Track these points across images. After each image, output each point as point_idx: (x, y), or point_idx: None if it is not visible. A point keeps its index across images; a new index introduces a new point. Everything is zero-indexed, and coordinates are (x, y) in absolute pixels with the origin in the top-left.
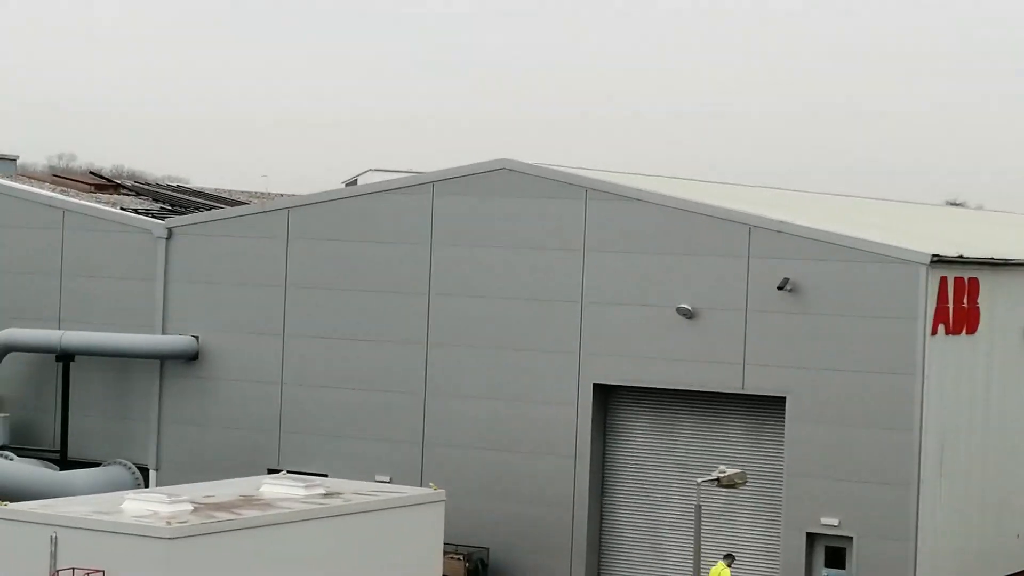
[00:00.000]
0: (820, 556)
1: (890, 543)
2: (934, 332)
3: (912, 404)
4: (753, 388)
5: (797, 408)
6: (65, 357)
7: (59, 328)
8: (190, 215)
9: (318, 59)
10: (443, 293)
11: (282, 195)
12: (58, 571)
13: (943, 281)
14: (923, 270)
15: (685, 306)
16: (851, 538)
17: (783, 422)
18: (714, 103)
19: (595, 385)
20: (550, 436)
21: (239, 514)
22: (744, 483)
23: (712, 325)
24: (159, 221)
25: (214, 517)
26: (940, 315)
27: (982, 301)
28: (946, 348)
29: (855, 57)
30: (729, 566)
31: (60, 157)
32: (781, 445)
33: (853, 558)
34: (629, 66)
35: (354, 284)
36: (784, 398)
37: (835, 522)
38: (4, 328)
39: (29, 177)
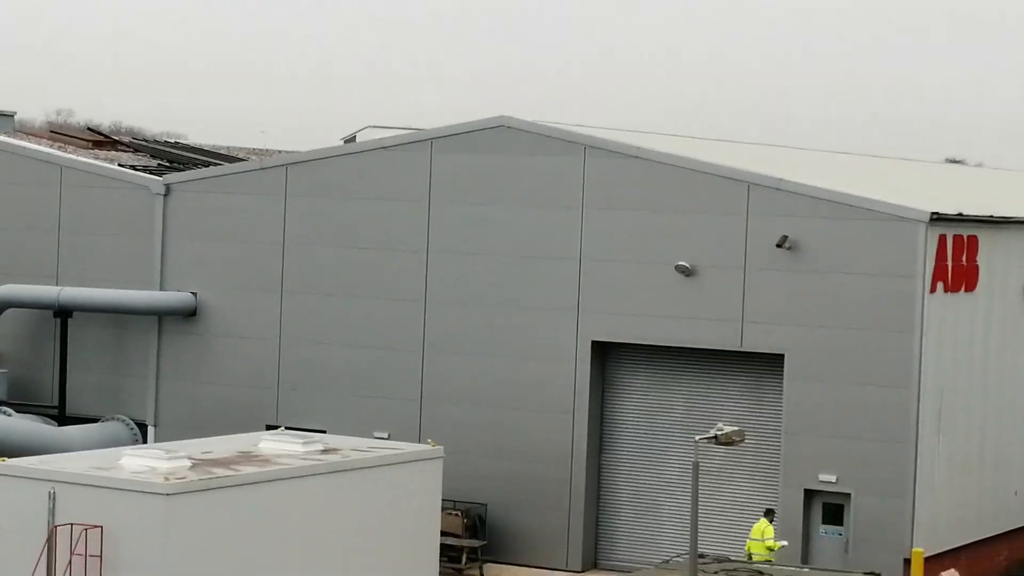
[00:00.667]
0: (818, 513)
1: (888, 500)
2: (933, 290)
3: (910, 361)
4: (751, 346)
5: (795, 366)
6: (63, 313)
7: (57, 285)
8: (188, 171)
9: (316, 14)
10: (441, 250)
11: (280, 152)
12: (56, 527)
13: (942, 239)
14: (922, 228)
15: (683, 263)
16: (849, 495)
17: (781, 380)
18: (712, 55)
19: (593, 342)
20: (548, 393)
21: (237, 470)
22: (742, 441)
23: (710, 283)
24: (157, 177)
25: (212, 473)
26: (939, 273)
27: (981, 259)
28: (945, 306)
29: (855, 11)
30: (771, 522)
31: (58, 113)
32: (779, 403)
33: (851, 515)
34: (627, 17)
35: (352, 241)
36: (783, 356)
37: (833, 479)
38: (2, 285)
39: (27, 133)
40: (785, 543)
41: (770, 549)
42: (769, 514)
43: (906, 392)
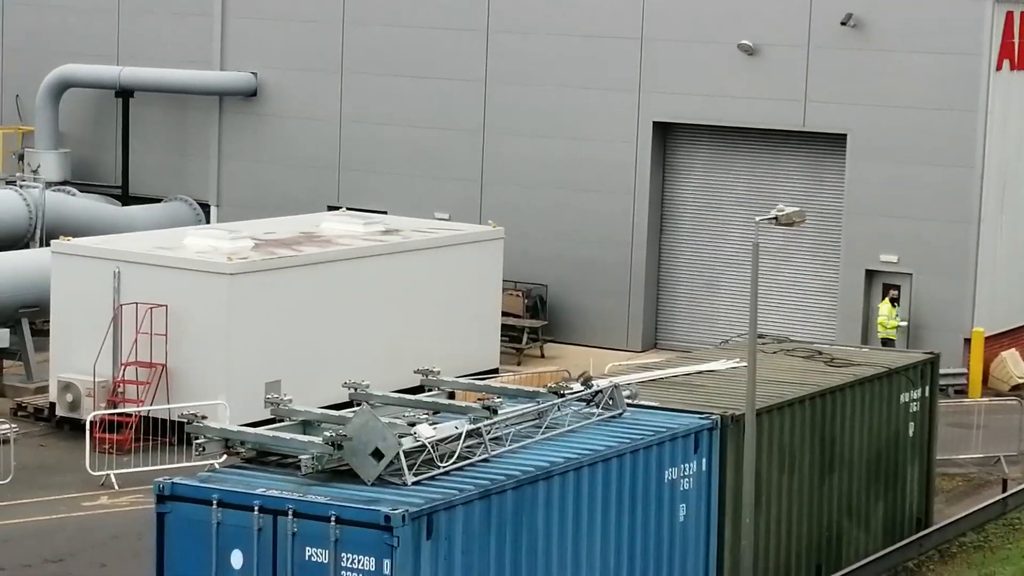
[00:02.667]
0: (878, 292)
1: (949, 280)
2: (998, 68)
3: (974, 141)
4: (814, 125)
5: (858, 145)
6: (124, 93)
7: (118, 65)
8: None
9: None
10: (502, 30)
11: None
12: (121, 306)
13: (1009, 16)
14: (989, 4)
15: (746, 42)
16: (910, 275)
17: (843, 160)
18: None
19: (654, 123)
20: (608, 174)
21: (299, 250)
22: (802, 221)
23: (773, 61)
24: None
25: (274, 253)
26: (1005, 50)
27: None
28: (1010, 84)
29: None
30: (894, 303)
31: None
32: (841, 183)
33: (911, 295)
34: None
35: (412, 20)
36: (845, 135)
37: (894, 259)
38: (63, 65)
39: None
40: (904, 322)
41: (894, 327)
42: (893, 301)
43: (969, 171)
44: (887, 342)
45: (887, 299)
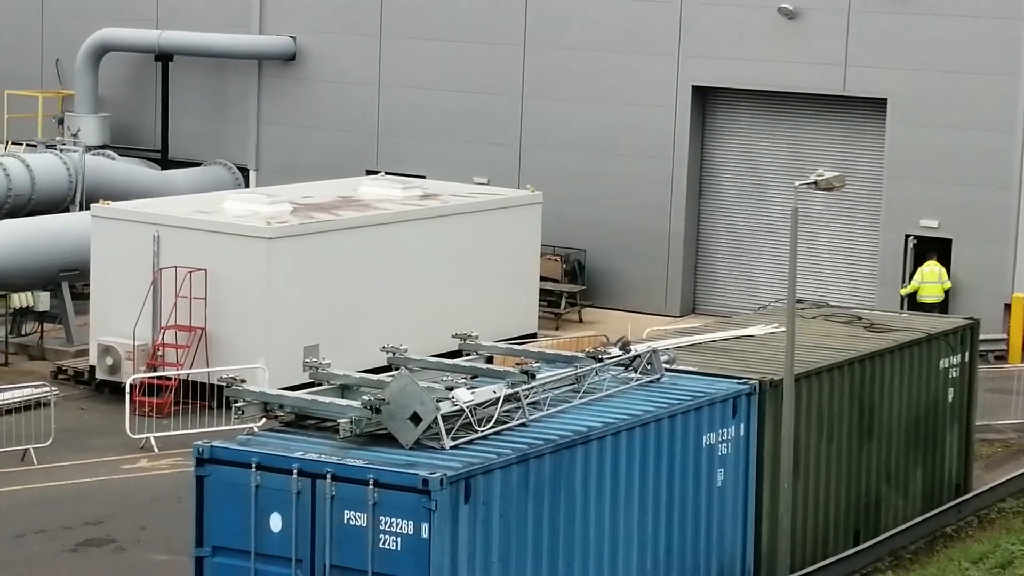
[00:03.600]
0: (918, 258)
1: (989, 245)
2: None
3: (1015, 105)
4: (854, 90)
5: (899, 110)
6: (164, 57)
7: (157, 29)
8: None
9: None
10: None
11: None
12: (160, 269)
13: None
14: None
15: (786, 6)
16: (950, 240)
17: (884, 124)
18: None
19: (693, 87)
20: (647, 139)
21: (338, 215)
22: (842, 186)
23: (814, 25)
24: None
25: (313, 217)
26: None
27: None
28: None
29: None
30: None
31: None
32: (881, 148)
33: (952, 260)
34: None
35: None
36: (885, 100)
37: (935, 224)
38: (102, 28)
39: None
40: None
41: (945, 290)
42: (933, 261)
43: (1010, 136)
44: (927, 306)
45: (931, 260)
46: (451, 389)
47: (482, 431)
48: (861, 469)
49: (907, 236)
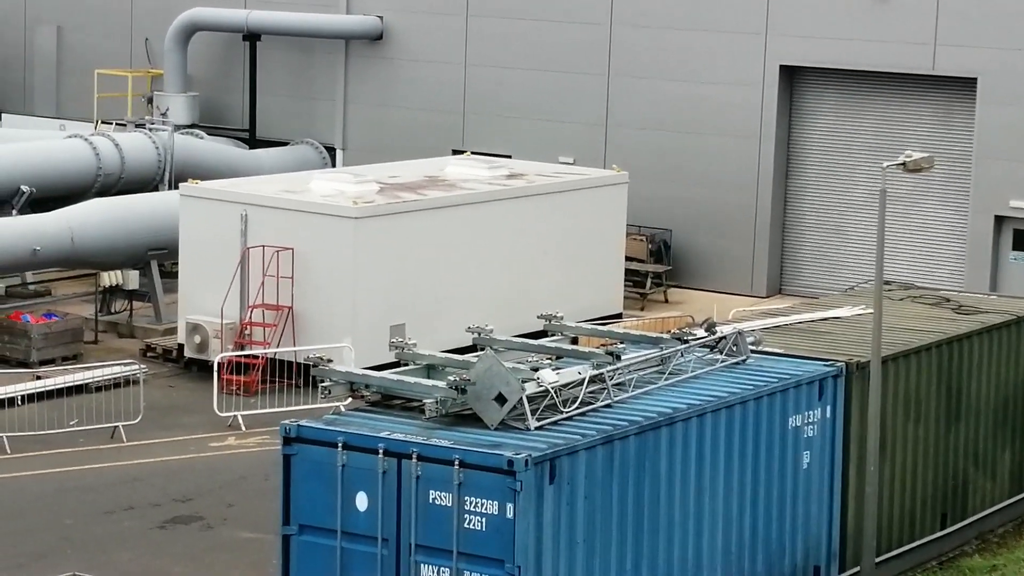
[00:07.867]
0: (1008, 239)
1: None
2: None
3: None
4: (944, 69)
5: (989, 89)
6: (252, 37)
7: (245, 8)
8: None
9: None
10: None
11: None
12: (248, 248)
13: None
14: None
15: None
16: None
17: (973, 104)
18: None
19: (781, 66)
20: (735, 118)
21: (424, 194)
22: (931, 167)
23: (903, 4)
24: None
25: (399, 197)
26: None
27: None
28: None
29: None
30: None
31: None
32: (970, 128)
33: None
34: None
35: None
36: (975, 79)
37: None
38: (190, 8)
39: None
40: None
41: None
42: None
43: None
44: None
45: None
46: (536, 370)
47: (567, 412)
48: (948, 451)
49: (996, 216)
